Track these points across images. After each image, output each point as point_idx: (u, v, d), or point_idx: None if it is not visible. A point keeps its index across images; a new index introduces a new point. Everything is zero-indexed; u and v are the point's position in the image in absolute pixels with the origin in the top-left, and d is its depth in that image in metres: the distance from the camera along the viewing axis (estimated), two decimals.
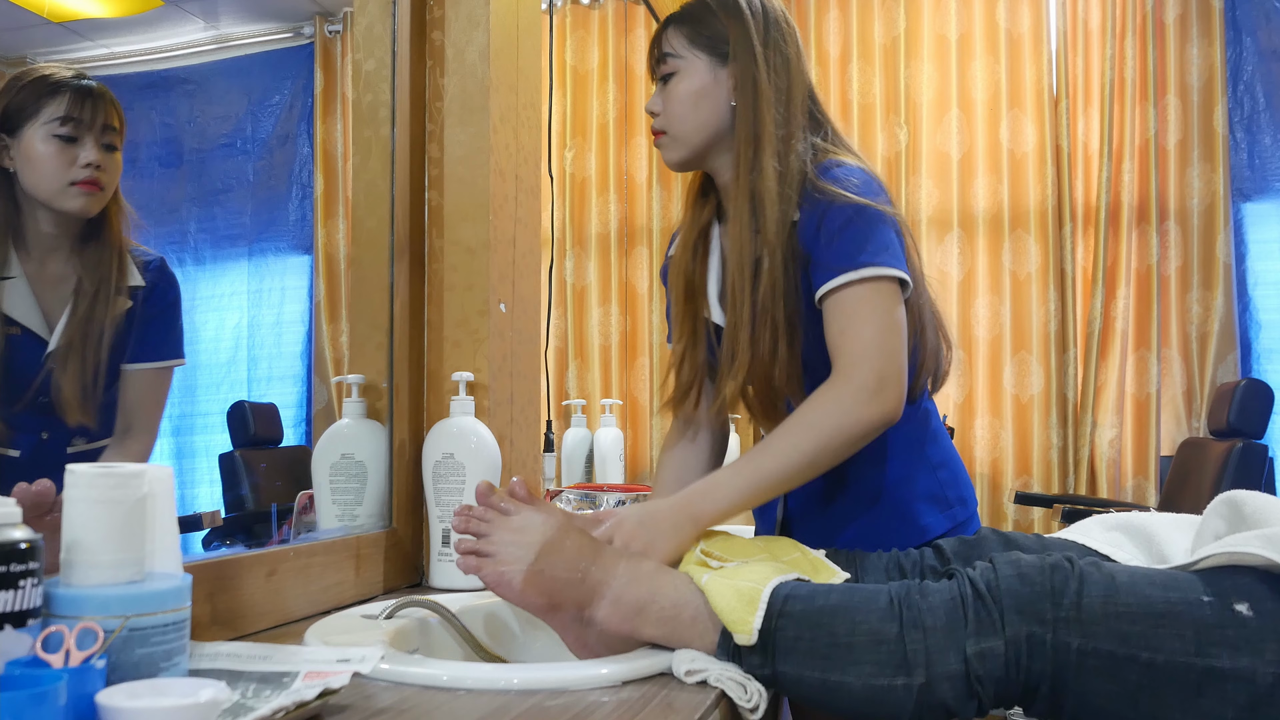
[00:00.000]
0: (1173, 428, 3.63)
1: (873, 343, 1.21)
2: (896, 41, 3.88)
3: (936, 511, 1.38)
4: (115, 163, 1.09)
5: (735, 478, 1.19)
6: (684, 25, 1.35)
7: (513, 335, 1.55)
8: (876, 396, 1.20)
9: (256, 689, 0.81)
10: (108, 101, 1.08)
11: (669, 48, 1.35)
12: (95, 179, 1.06)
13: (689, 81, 1.34)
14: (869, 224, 1.25)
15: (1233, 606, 0.87)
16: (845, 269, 1.23)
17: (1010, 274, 3.72)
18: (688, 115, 1.34)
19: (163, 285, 1.16)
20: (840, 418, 1.19)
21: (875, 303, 1.23)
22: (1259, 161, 3.61)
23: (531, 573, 1.02)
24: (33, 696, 0.60)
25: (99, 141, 1.06)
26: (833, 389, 1.21)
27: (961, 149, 3.79)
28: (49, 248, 1.06)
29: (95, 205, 1.08)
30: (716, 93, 1.34)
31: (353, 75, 1.47)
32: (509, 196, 1.54)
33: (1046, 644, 0.88)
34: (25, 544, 0.69)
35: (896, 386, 1.21)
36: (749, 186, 1.29)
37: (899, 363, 1.22)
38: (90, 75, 1.09)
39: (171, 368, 1.18)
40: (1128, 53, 3.64)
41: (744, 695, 0.91)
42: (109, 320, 1.09)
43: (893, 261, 1.24)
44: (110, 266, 1.09)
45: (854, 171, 1.29)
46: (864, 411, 1.19)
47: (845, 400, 1.19)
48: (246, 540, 1.34)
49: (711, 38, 1.34)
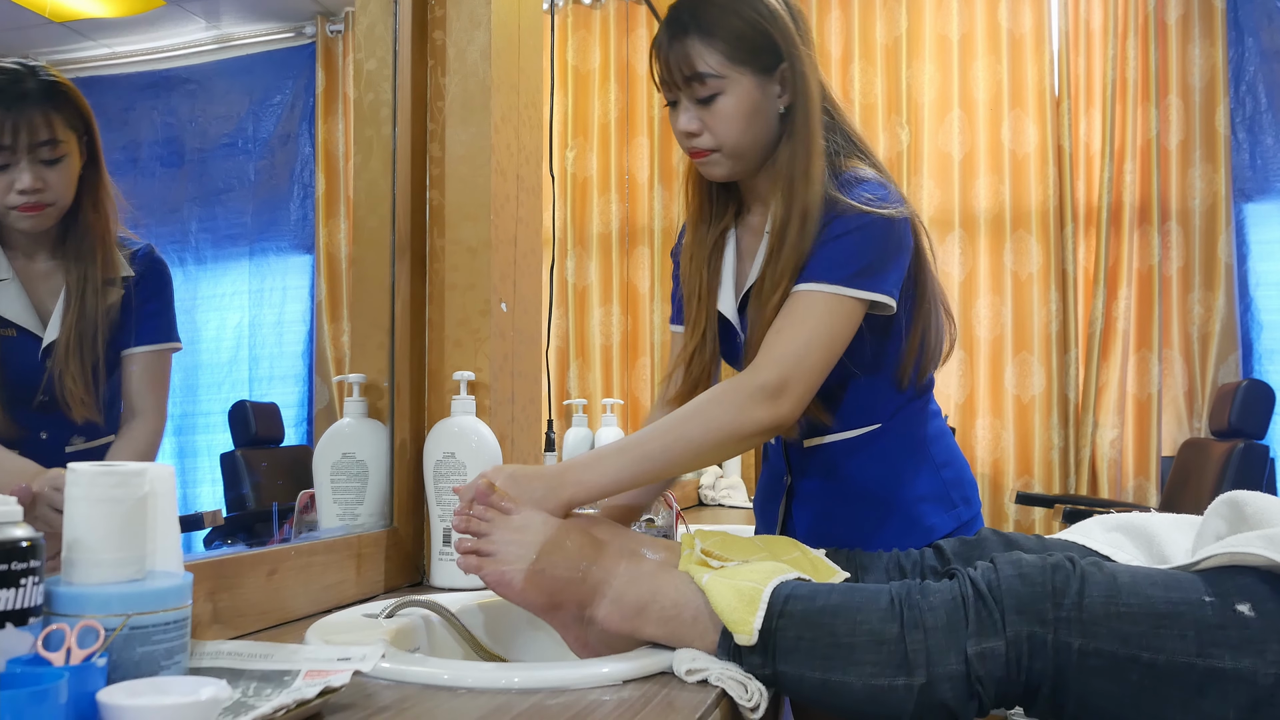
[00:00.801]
0: (1174, 428, 3.63)
1: (798, 351, 1.21)
2: (898, 41, 3.87)
3: (941, 511, 1.38)
4: (64, 172, 1.03)
5: (619, 456, 1.17)
6: (716, 42, 1.27)
7: (514, 335, 1.55)
8: (772, 400, 1.19)
9: (257, 687, 0.81)
10: (38, 112, 1.01)
11: (706, 68, 1.26)
12: (34, 203, 1.01)
13: (739, 100, 1.28)
14: (867, 242, 1.25)
15: (1234, 607, 0.87)
16: (820, 279, 1.23)
17: (1012, 274, 3.72)
18: (744, 132, 1.29)
19: (152, 272, 1.14)
20: (732, 411, 1.18)
21: (826, 319, 1.22)
22: (1261, 162, 3.61)
23: (532, 572, 1.02)
24: (34, 694, 0.60)
25: (33, 160, 1.00)
26: (736, 385, 1.20)
27: (963, 149, 3.79)
28: (33, 247, 1.05)
29: (47, 221, 1.04)
30: (766, 106, 1.30)
31: (354, 75, 1.47)
32: (510, 196, 1.54)
33: (1048, 644, 0.88)
34: (26, 542, 0.69)
35: (796, 397, 1.20)
36: (803, 198, 1.27)
37: (811, 377, 1.22)
38: (37, 76, 1.02)
39: (169, 352, 1.17)
40: (1129, 53, 3.64)
41: (744, 694, 0.91)
42: (101, 312, 1.07)
43: (871, 286, 1.24)
44: (94, 259, 1.07)
45: (870, 186, 1.28)
46: (755, 411, 1.18)
47: (743, 398, 1.19)
48: (248, 539, 1.34)
49: (753, 52, 1.28)
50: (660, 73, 1.31)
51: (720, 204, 1.42)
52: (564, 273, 3.30)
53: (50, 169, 1.02)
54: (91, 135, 1.06)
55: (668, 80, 1.30)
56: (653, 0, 2.97)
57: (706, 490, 3.02)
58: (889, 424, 1.38)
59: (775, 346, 1.22)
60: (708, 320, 1.40)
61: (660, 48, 1.30)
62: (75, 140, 1.05)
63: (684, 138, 1.31)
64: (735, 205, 1.42)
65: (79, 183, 1.06)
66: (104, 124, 1.15)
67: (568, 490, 1.12)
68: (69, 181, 1.04)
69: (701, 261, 1.40)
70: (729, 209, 1.42)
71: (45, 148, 1.01)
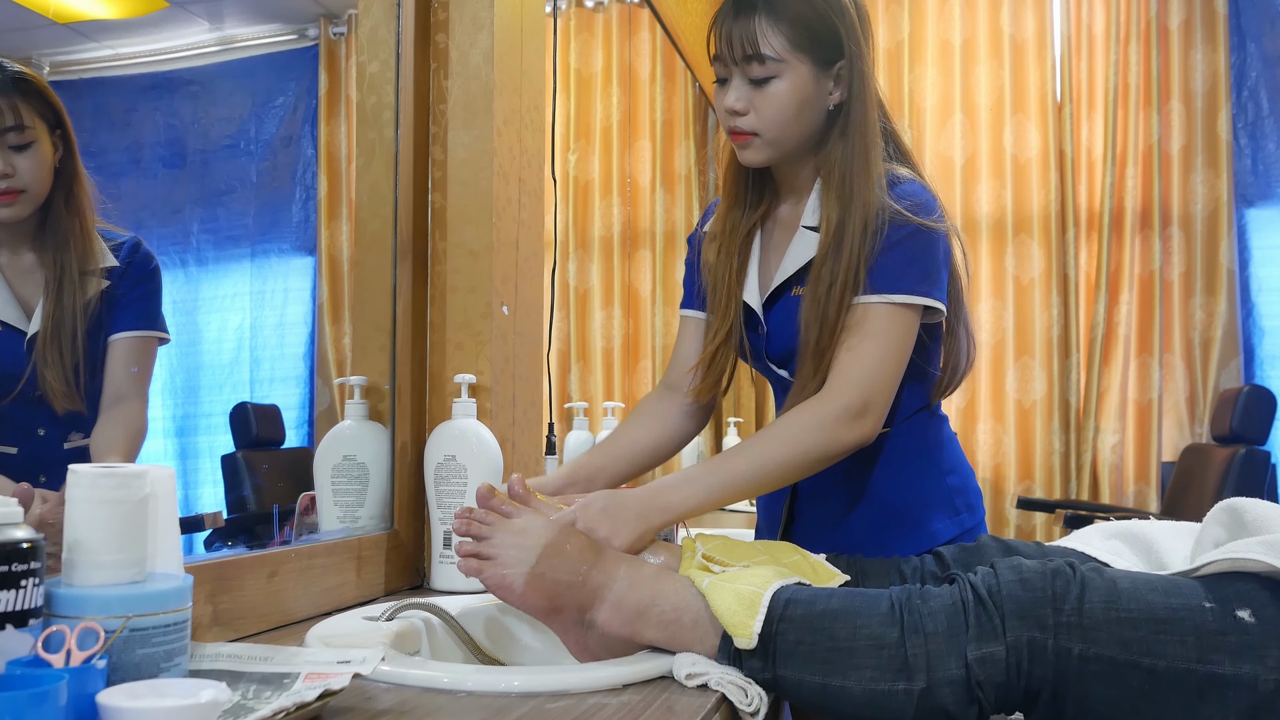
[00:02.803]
0: (1175, 434, 3.63)
1: (873, 369, 1.22)
2: (901, 46, 3.88)
3: (946, 518, 1.38)
4: (35, 158, 1.04)
5: (708, 475, 1.19)
6: (783, 25, 1.25)
7: (515, 337, 1.55)
8: (857, 420, 1.21)
9: (257, 690, 0.81)
10: (2, 99, 1.01)
11: (768, 49, 1.25)
12: (5, 189, 1.02)
13: (793, 88, 1.27)
14: (921, 248, 1.26)
15: (1235, 613, 0.87)
16: (884, 290, 1.24)
17: (1013, 279, 3.72)
18: (790, 121, 1.28)
19: (138, 262, 1.14)
20: (819, 434, 1.20)
21: (893, 330, 1.24)
22: (1262, 167, 3.61)
23: (532, 575, 1.02)
24: (33, 696, 0.60)
25: (1, 146, 1.01)
26: (820, 406, 1.22)
27: (965, 154, 3.79)
28: (14, 241, 1.05)
29: (22, 210, 1.04)
30: (818, 99, 1.29)
31: (357, 77, 1.47)
32: (512, 199, 1.54)
33: (1048, 649, 0.88)
34: (27, 543, 0.69)
35: (877, 414, 1.23)
36: (863, 199, 1.26)
37: (888, 392, 1.24)
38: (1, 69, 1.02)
39: (154, 340, 1.16)
40: (1132, 58, 3.64)
41: (744, 699, 0.91)
42: (80, 304, 1.07)
43: (931, 291, 1.26)
44: (72, 253, 1.07)
45: (915, 190, 1.28)
46: (842, 433, 1.21)
47: (828, 420, 1.21)
48: (248, 541, 1.34)
49: (816, 42, 1.27)
50: (718, 47, 1.30)
51: (756, 193, 1.41)
52: (565, 276, 3.30)
53: (18, 155, 1.02)
54: (65, 129, 1.06)
55: (724, 56, 1.29)
56: (656, 3, 2.98)
57: None
58: (899, 429, 1.38)
59: (851, 366, 1.23)
60: (735, 310, 1.39)
61: (723, 21, 1.29)
62: (45, 131, 1.05)
63: (728, 116, 1.30)
64: (771, 195, 1.41)
65: (56, 176, 1.06)
66: (106, 125, 1.15)
67: (658, 518, 1.14)
68: (39, 169, 1.04)
69: (733, 248, 1.39)
70: (764, 199, 1.41)
71: (11, 133, 1.02)
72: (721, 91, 1.31)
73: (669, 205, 3.50)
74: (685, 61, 3.32)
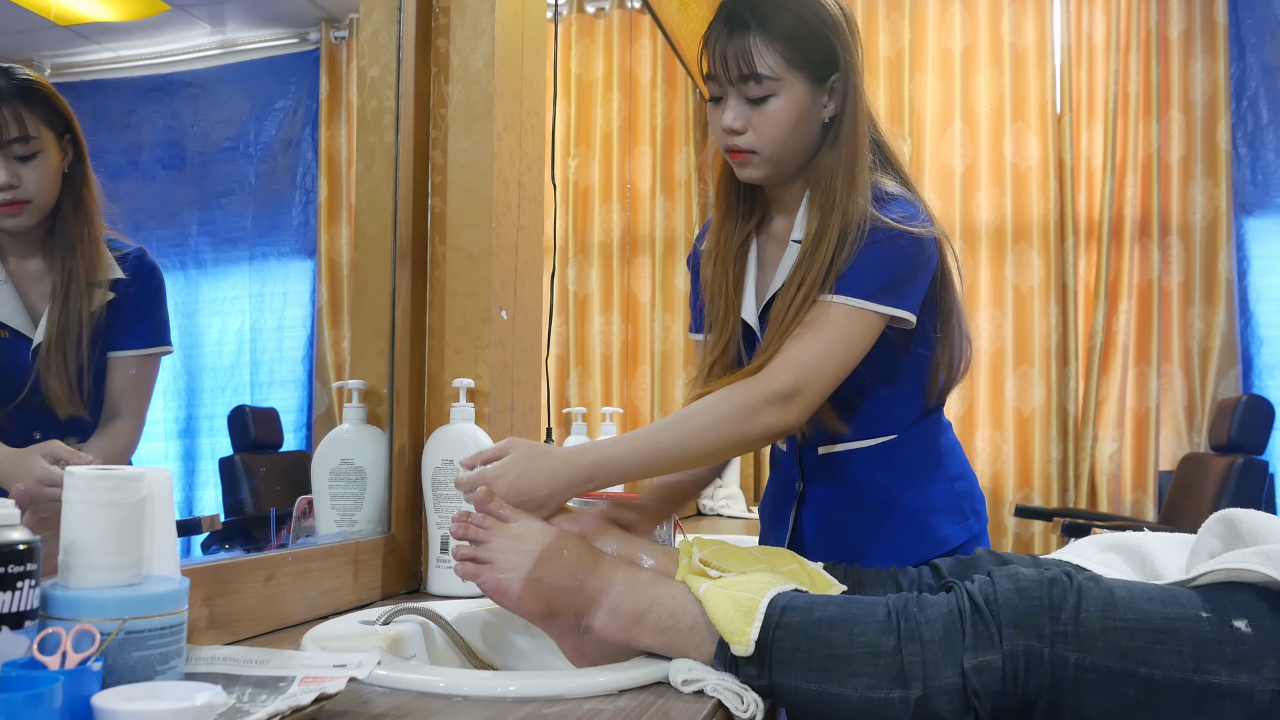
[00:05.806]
0: (1173, 443, 3.63)
1: (813, 359, 1.21)
2: (901, 54, 3.88)
3: (954, 523, 1.38)
4: (41, 168, 1.03)
5: (635, 446, 1.17)
6: (778, 43, 1.24)
7: (514, 342, 1.55)
8: (783, 405, 1.20)
9: (253, 693, 0.81)
10: (8, 109, 1.00)
11: (764, 69, 1.24)
12: (9, 200, 1.01)
13: (789, 105, 1.26)
14: (892, 256, 1.25)
15: (1231, 623, 0.87)
16: (844, 292, 1.23)
17: (1012, 287, 3.72)
18: (787, 139, 1.28)
19: (144, 275, 1.14)
20: (744, 414, 1.19)
21: (844, 330, 1.23)
22: (1262, 177, 3.62)
23: (529, 580, 1.02)
24: (29, 698, 0.60)
25: (6, 157, 1.00)
26: (751, 387, 1.20)
27: (965, 162, 3.79)
28: (23, 249, 1.05)
29: (28, 220, 1.04)
30: (814, 115, 1.29)
31: (358, 81, 1.48)
32: (512, 204, 1.55)
33: (1044, 658, 0.88)
34: (23, 545, 0.69)
35: (806, 403, 1.21)
36: (844, 209, 1.26)
37: (823, 385, 1.23)
38: (8, 76, 1.01)
39: (158, 355, 1.16)
40: (1131, 67, 3.64)
41: (740, 705, 0.91)
42: (89, 313, 1.07)
43: (893, 301, 1.25)
44: (79, 260, 1.07)
45: (900, 204, 1.28)
46: (766, 416, 1.19)
47: (755, 400, 1.19)
48: (245, 544, 1.34)
49: (811, 58, 1.26)
50: (711, 67, 1.28)
51: (748, 205, 1.40)
52: (565, 281, 3.30)
53: (24, 165, 1.02)
54: (74, 135, 1.06)
55: (719, 75, 1.27)
56: (656, 10, 2.98)
57: (705, 500, 3.01)
58: (905, 435, 1.38)
59: (791, 352, 1.22)
60: (734, 323, 1.39)
61: (716, 40, 1.27)
62: (53, 139, 1.04)
63: (725, 135, 1.29)
64: (763, 209, 1.41)
65: (64, 182, 1.06)
66: (107, 127, 1.15)
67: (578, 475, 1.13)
68: (46, 179, 1.04)
69: (727, 262, 1.39)
70: (755, 212, 1.41)
71: (17, 144, 1.01)
72: (716, 110, 1.29)
73: (669, 211, 3.50)
74: (686, 68, 3.32)
